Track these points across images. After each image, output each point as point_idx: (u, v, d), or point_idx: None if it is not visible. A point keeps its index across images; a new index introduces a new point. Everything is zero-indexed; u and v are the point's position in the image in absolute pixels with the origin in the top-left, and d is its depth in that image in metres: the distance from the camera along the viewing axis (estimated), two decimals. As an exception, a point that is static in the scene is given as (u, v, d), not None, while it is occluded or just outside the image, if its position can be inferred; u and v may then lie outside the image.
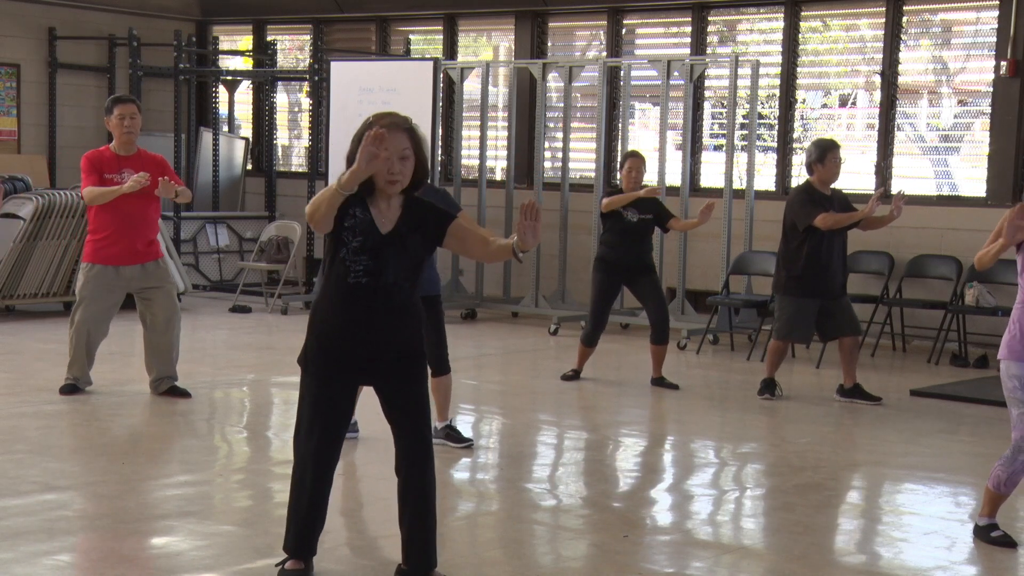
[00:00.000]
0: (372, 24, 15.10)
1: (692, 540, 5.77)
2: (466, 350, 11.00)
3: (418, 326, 4.86)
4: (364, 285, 4.71)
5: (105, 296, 8.28)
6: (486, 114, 13.22)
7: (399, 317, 4.77)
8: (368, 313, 4.73)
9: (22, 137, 14.62)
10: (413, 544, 4.85)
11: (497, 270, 13.32)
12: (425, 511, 4.85)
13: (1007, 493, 5.77)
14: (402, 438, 4.88)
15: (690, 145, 12.15)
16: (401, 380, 4.84)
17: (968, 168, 12.02)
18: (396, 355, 4.81)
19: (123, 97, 8.47)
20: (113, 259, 8.18)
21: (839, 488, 6.79)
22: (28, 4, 14.55)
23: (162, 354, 8.38)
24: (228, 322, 12.28)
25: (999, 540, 5.72)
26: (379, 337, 4.76)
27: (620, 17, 13.46)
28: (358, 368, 4.83)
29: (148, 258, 8.27)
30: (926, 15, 12.10)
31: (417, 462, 4.84)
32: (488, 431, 8.13)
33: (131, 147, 8.24)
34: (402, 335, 4.80)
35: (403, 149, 4.67)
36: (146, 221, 8.25)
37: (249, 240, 14.83)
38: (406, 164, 4.69)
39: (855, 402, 8.91)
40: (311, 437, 4.84)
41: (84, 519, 5.72)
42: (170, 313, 8.34)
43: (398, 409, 4.87)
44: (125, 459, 6.93)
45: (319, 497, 4.90)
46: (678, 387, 9.35)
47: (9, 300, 11.72)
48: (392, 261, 4.71)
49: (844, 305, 8.96)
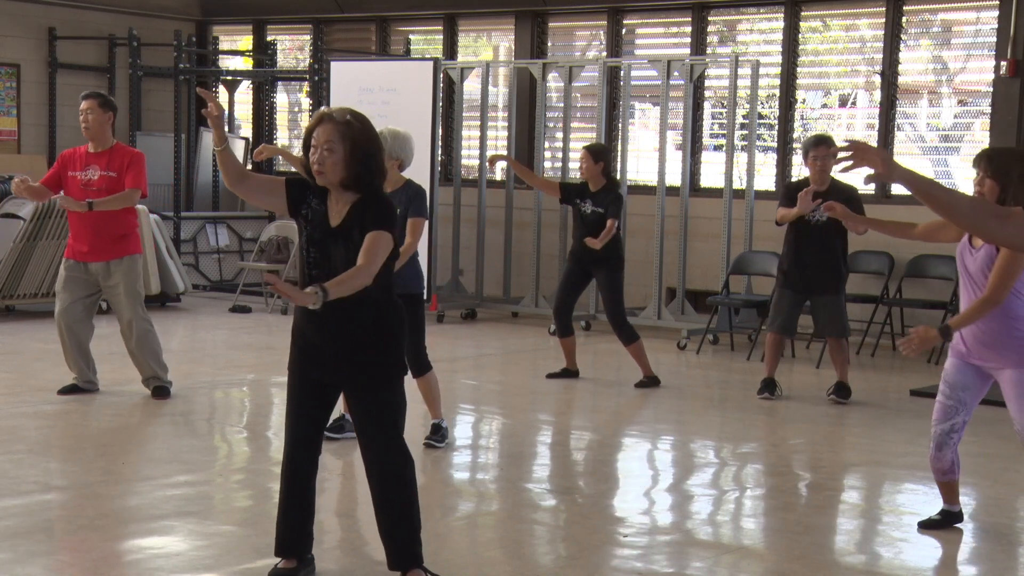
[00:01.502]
0: (372, 24, 15.10)
1: (692, 540, 5.77)
2: (466, 350, 11.00)
3: (379, 325, 4.76)
4: (315, 278, 4.71)
5: (74, 289, 8.24)
6: (486, 114, 13.22)
7: (349, 313, 4.69)
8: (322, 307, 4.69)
9: (22, 137, 14.62)
10: (387, 547, 4.87)
11: (497, 270, 13.32)
12: (392, 516, 4.82)
13: (942, 479, 5.86)
14: (362, 442, 4.85)
15: (690, 145, 12.15)
16: (357, 381, 4.79)
17: (968, 168, 12.01)
18: (350, 353, 4.75)
19: (88, 92, 8.37)
20: (79, 255, 8.18)
21: (839, 488, 6.79)
22: (28, 4, 14.55)
23: (134, 356, 8.35)
24: (228, 322, 12.28)
25: (928, 522, 5.90)
26: (331, 332, 4.74)
27: (620, 17, 13.46)
28: (317, 364, 4.81)
29: (114, 255, 8.18)
30: (926, 15, 12.10)
31: (375, 468, 4.82)
32: (488, 431, 8.13)
33: (99, 143, 8.15)
34: (356, 332, 4.73)
35: (326, 141, 4.65)
36: (109, 218, 8.10)
37: (249, 240, 14.83)
38: (330, 156, 4.64)
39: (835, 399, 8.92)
40: (285, 438, 4.91)
41: (84, 519, 5.72)
42: (129, 315, 8.23)
43: (356, 411, 4.85)
44: (125, 459, 6.93)
45: (293, 495, 4.91)
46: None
47: (9, 300, 11.72)
48: (338, 255, 4.70)
49: (827, 304, 8.95)
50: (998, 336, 5.50)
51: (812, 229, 8.80)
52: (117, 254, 8.19)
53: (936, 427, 5.73)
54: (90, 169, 8.12)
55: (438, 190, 12.53)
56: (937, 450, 5.74)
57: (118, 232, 8.19)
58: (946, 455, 5.74)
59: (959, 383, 5.67)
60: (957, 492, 5.93)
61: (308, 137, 4.71)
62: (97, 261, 8.17)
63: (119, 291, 8.23)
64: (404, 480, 4.83)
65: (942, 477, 5.84)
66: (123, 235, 8.23)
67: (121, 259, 8.20)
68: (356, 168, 4.68)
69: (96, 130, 8.13)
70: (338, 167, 4.66)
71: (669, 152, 12.20)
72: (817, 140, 8.94)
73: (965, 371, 5.66)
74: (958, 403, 5.68)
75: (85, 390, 8.40)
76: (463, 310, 12.99)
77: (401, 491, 4.82)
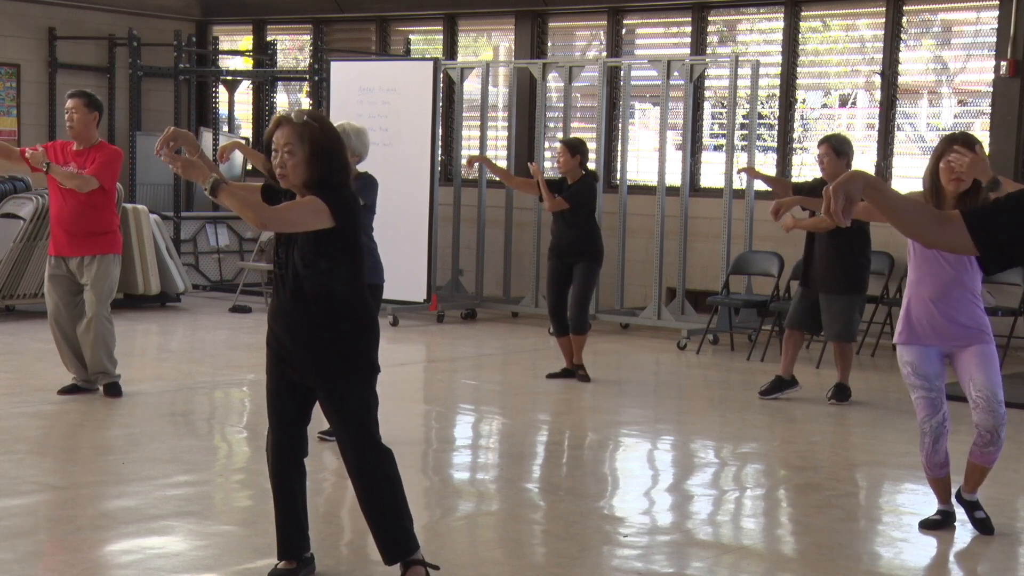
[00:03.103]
0: (372, 24, 15.10)
1: (692, 540, 5.77)
2: (466, 350, 11.00)
3: (339, 320, 4.75)
4: (279, 276, 4.77)
5: (57, 289, 8.27)
6: (486, 114, 13.22)
7: (311, 309, 4.72)
8: (283, 304, 4.77)
9: (22, 137, 14.60)
10: (377, 543, 4.91)
11: (497, 270, 13.32)
12: (375, 512, 4.85)
13: (939, 475, 5.87)
14: (338, 442, 4.91)
15: (690, 145, 12.15)
16: (322, 377, 4.79)
17: (968, 168, 12.00)
18: (315, 351, 4.76)
19: (72, 92, 8.39)
20: (55, 248, 8.22)
21: (839, 488, 6.79)
22: (28, 4, 14.56)
23: (85, 350, 8.29)
24: (228, 322, 12.28)
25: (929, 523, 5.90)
26: (296, 329, 4.76)
27: (620, 17, 13.45)
28: (288, 364, 4.83)
29: (87, 251, 8.19)
30: (926, 15, 12.10)
31: (351, 467, 4.84)
32: (488, 431, 8.13)
33: (83, 142, 8.19)
34: (315, 328, 4.73)
35: (286, 144, 4.65)
36: (83, 216, 8.13)
37: (249, 240, 14.83)
38: (291, 158, 4.64)
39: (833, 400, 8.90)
40: (268, 439, 4.94)
41: (84, 519, 5.72)
42: (92, 312, 8.20)
43: (325, 410, 4.87)
44: (125, 459, 6.93)
45: (283, 498, 4.93)
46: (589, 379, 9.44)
47: (9, 300, 11.72)
48: (293, 250, 4.72)
49: (830, 305, 8.92)
50: (962, 314, 5.59)
51: None
52: (91, 251, 8.20)
53: (928, 423, 5.73)
54: (71, 166, 8.16)
55: (438, 190, 12.53)
56: (934, 443, 5.75)
57: (96, 229, 8.20)
58: (942, 447, 5.77)
59: (931, 372, 5.72)
60: (950, 489, 5.94)
61: (268, 142, 4.71)
62: (73, 255, 8.20)
63: (88, 287, 8.23)
64: (381, 474, 4.82)
65: (939, 472, 5.84)
66: (101, 233, 8.22)
67: (94, 256, 8.20)
68: (319, 168, 4.67)
69: (80, 129, 8.16)
70: (299, 168, 4.66)
71: (669, 152, 12.20)
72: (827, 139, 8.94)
73: (931, 358, 5.71)
74: (938, 392, 5.73)
75: (85, 390, 8.40)
76: (463, 310, 12.99)
77: (379, 486, 4.82)
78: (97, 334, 8.25)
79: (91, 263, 8.21)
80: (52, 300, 8.31)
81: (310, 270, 4.70)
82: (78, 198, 8.13)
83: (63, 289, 8.29)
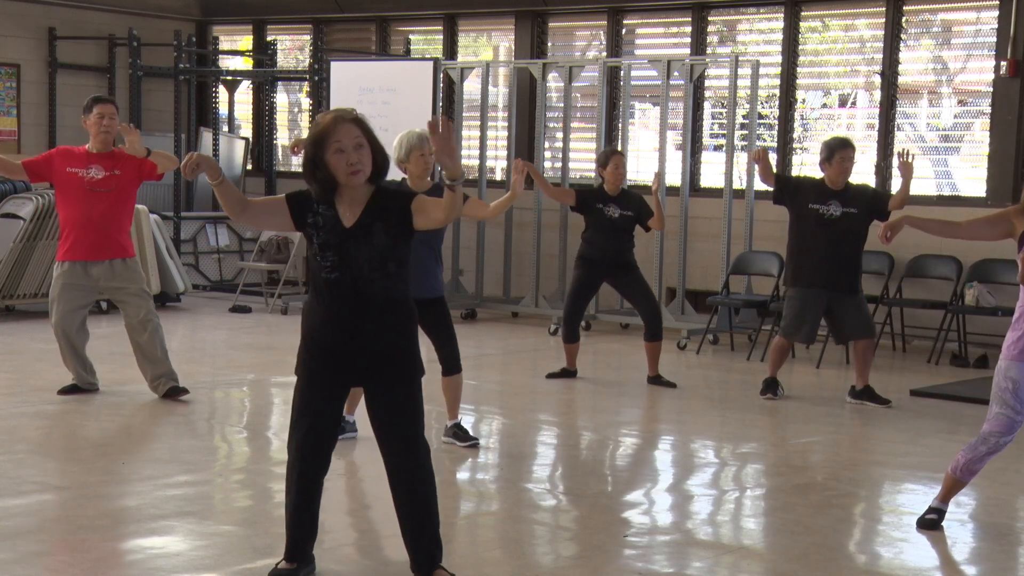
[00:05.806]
0: (372, 24, 15.10)
1: (692, 540, 5.77)
2: (466, 350, 10.94)
3: (402, 324, 4.79)
4: (334, 281, 4.72)
5: (72, 298, 8.24)
6: (486, 114, 13.22)
7: (374, 313, 4.72)
8: (341, 309, 4.72)
9: (22, 137, 14.61)
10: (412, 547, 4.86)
11: (497, 270, 13.32)
12: (420, 513, 4.82)
13: (964, 480, 5.86)
14: (385, 444, 4.84)
15: (690, 145, 12.15)
16: (382, 381, 4.78)
17: (968, 168, 12.03)
18: (375, 353, 4.75)
19: (103, 97, 8.59)
20: (81, 254, 8.19)
21: (839, 488, 6.78)
22: (28, 4, 14.55)
23: (148, 353, 8.36)
24: (228, 322, 12.28)
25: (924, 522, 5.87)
26: (354, 334, 4.74)
27: (620, 17, 13.45)
28: (337, 367, 4.80)
29: (114, 255, 8.23)
30: (926, 15, 12.10)
31: (407, 465, 4.81)
32: (488, 431, 8.13)
33: (106, 146, 8.29)
34: (380, 332, 4.75)
35: (356, 138, 4.66)
36: (113, 219, 8.20)
37: (249, 240, 14.83)
38: (362, 152, 4.67)
39: (864, 403, 8.87)
40: (295, 439, 4.86)
41: (84, 519, 5.72)
42: (143, 312, 8.28)
43: (386, 411, 4.82)
44: (125, 459, 6.93)
45: (303, 502, 4.88)
46: (675, 385, 9.36)
47: (9, 300, 11.72)
48: (357, 255, 4.70)
49: (854, 304, 8.83)
50: None
51: (826, 224, 8.72)
52: (121, 253, 8.27)
53: (996, 439, 5.66)
54: (92, 168, 8.19)
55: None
56: (985, 455, 5.72)
57: (123, 231, 8.30)
58: (987, 461, 5.76)
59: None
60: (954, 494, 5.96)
61: (323, 141, 4.66)
62: (102, 259, 8.19)
63: (126, 292, 8.28)
64: (432, 477, 4.87)
65: (966, 477, 5.83)
66: (125, 234, 8.34)
67: (125, 260, 8.27)
68: (379, 162, 4.74)
69: (112, 135, 8.32)
70: (366, 162, 4.71)
71: (669, 152, 12.20)
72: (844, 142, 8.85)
73: None
74: (1023, 418, 5.62)
75: (85, 390, 8.41)
76: (463, 310, 12.99)
77: (431, 488, 4.85)
78: (158, 336, 8.31)
79: (122, 267, 8.26)
80: (61, 308, 8.24)
81: (378, 273, 4.71)
82: (116, 208, 8.20)
83: (78, 299, 8.28)
